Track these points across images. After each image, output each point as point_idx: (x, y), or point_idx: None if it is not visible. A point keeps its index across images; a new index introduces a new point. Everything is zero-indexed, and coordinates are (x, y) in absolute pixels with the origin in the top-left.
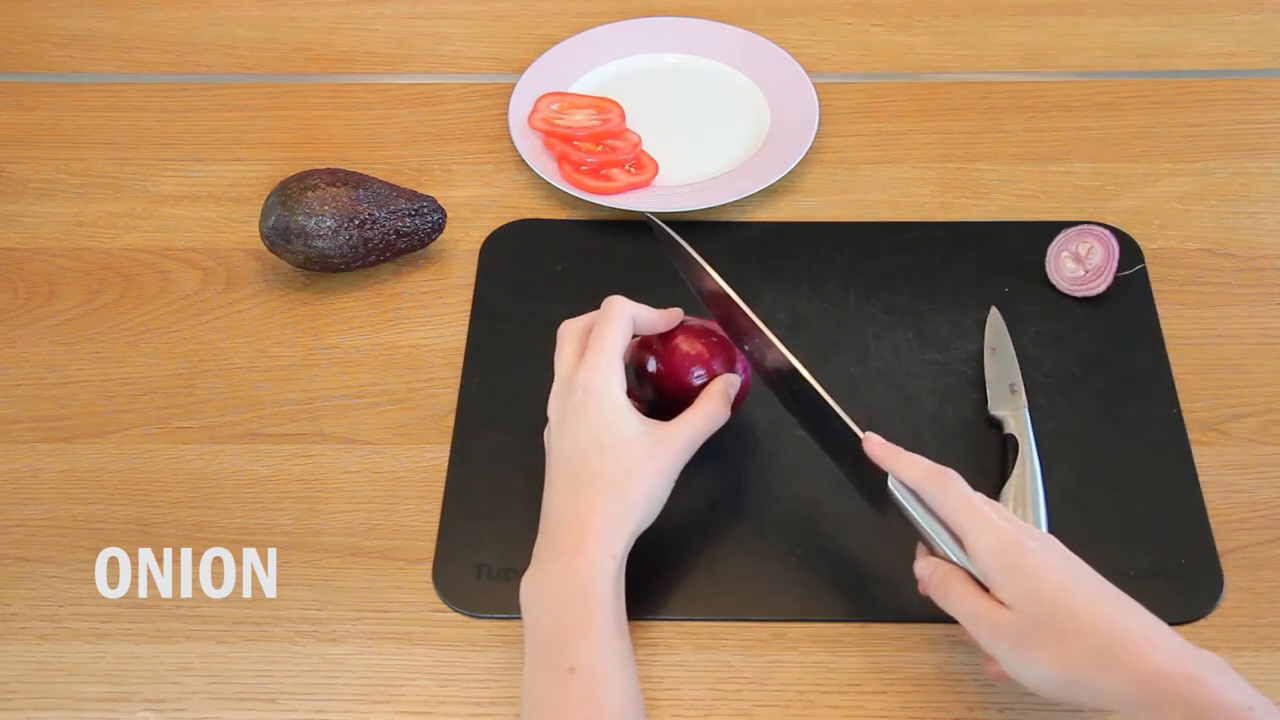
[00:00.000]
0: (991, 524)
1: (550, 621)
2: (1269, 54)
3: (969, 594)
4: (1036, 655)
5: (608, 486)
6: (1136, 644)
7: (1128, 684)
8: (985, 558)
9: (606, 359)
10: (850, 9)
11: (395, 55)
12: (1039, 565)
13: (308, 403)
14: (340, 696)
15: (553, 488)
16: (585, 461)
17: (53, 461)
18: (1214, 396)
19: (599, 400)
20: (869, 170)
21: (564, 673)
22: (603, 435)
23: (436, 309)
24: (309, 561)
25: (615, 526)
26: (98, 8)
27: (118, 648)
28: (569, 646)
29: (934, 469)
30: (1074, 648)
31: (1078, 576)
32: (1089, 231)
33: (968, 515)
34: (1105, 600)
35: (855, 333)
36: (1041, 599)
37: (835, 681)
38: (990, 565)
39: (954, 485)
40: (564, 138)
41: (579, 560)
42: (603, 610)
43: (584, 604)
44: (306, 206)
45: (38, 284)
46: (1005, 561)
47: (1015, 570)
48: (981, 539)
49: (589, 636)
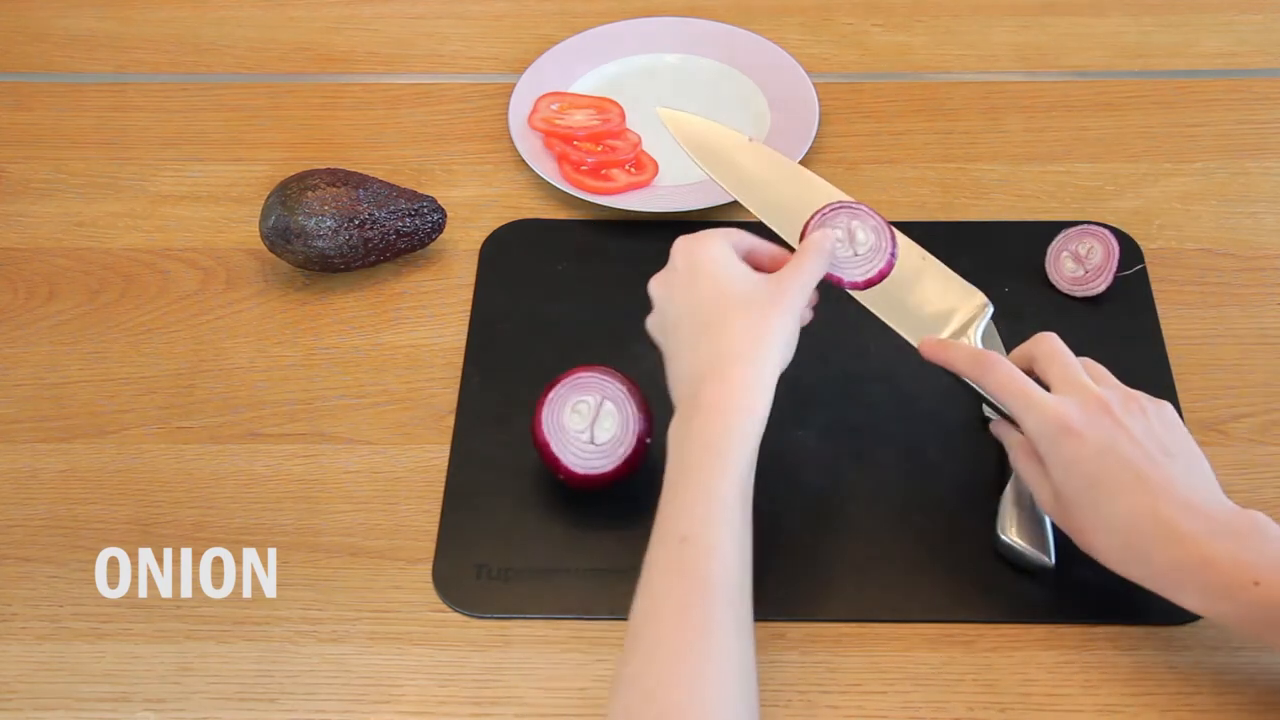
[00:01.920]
0: (1037, 407)
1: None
2: (1270, 54)
3: (1028, 466)
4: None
5: (741, 328)
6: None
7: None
8: (1035, 441)
9: (710, 232)
10: (850, 9)
11: (395, 55)
12: (1074, 452)
13: (308, 403)
14: (340, 696)
15: (678, 350)
16: (707, 311)
17: (53, 461)
18: (1214, 396)
19: (706, 255)
20: (869, 170)
21: (677, 541)
22: (720, 283)
23: (436, 309)
24: (309, 561)
25: (755, 373)
26: (98, 8)
27: (118, 648)
28: (687, 515)
29: (974, 356)
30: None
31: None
32: (1089, 231)
33: (1014, 400)
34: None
35: (855, 332)
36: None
37: (835, 681)
38: (1039, 448)
39: (997, 370)
40: (564, 138)
41: (715, 420)
42: (729, 479)
43: (710, 471)
44: (306, 206)
45: (38, 284)
46: (1049, 446)
47: (1054, 456)
48: (1027, 423)
49: (707, 504)
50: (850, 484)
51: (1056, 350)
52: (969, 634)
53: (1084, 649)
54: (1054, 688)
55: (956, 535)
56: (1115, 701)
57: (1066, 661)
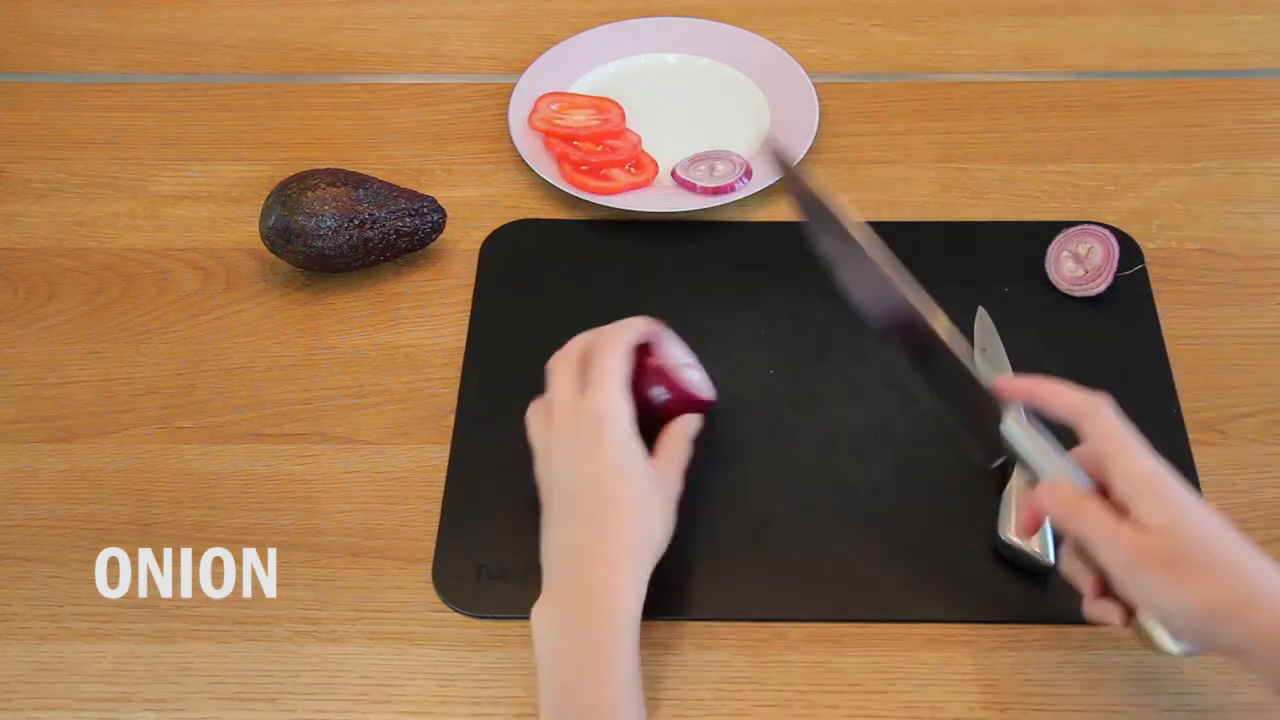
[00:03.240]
0: (1142, 452)
1: (570, 666)
2: (1269, 54)
3: (1106, 515)
4: (1183, 583)
5: (631, 517)
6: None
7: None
8: (1134, 482)
9: (616, 387)
10: (850, 9)
11: (395, 55)
12: (1183, 499)
13: (308, 403)
14: (340, 696)
15: (561, 519)
16: (602, 489)
17: (53, 461)
18: (1214, 396)
19: (613, 426)
20: (869, 170)
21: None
22: (621, 461)
23: (436, 309)
24: (309, 561)
25: (640, 563)
26: (98, 8)
27: (118, 648)
28: (591, 694)
29: (1087, 396)
30: (1220, 583)
31: (1218, 521)
32: (1089, 231)
33: (1119, 442)
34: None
35: (855, 333)
36: (1185, 528)
37: (835, 681)
38: (1137, 489)
39: (1107, 411)
40: (564, 138)
41: (602, 603)
42: (626, 658)
43: (608, 650)
44: (306, 206)
45: (38, 284)
46: (1154, 487)
47: (1163, 496)
48: (1132, 464)
49: (612, 686)
50: (850, 484)
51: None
52: (969, 634)
53: (1084, 649)
54: (1054, 688)
55: (956, 535)
56: (1115, 701)
57: (1066, 661)
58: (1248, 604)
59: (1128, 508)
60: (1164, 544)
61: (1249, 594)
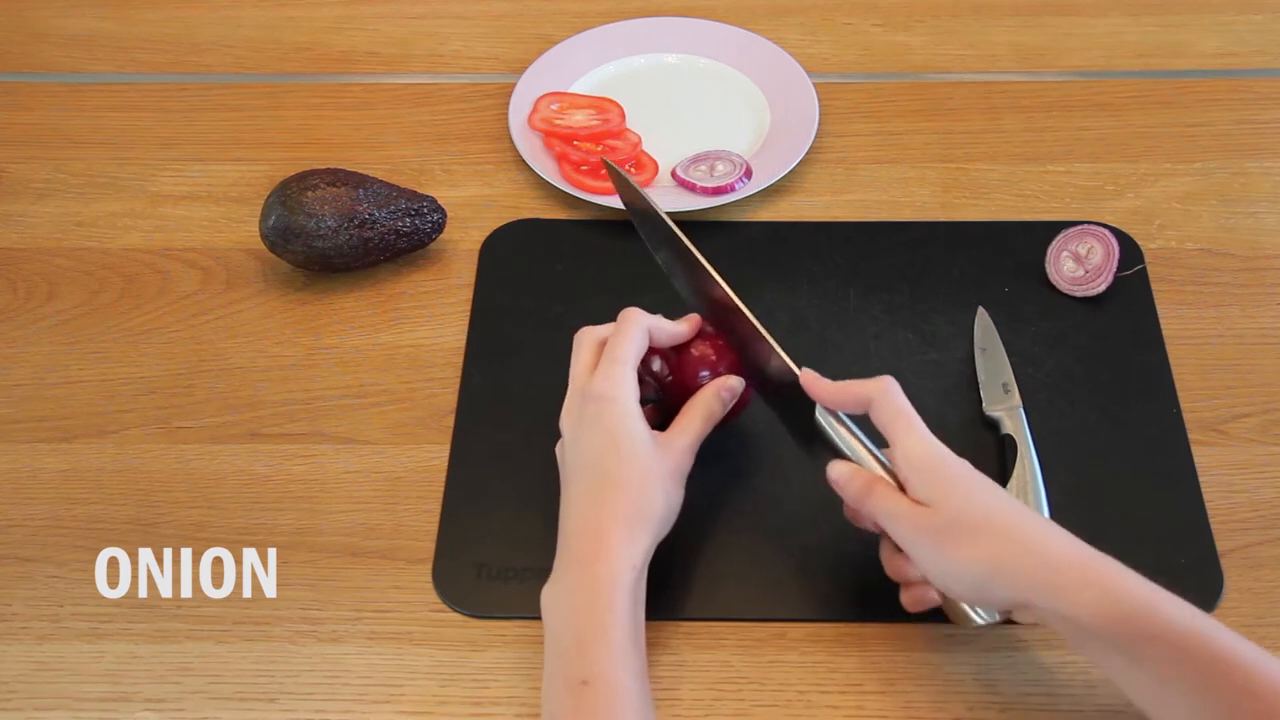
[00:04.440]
0: (919, 434)
1: (568, 632)
2: (1269, 54)
3: (891, 495)
4: (954, 551)
5: (625, 492)
6: (1044, 539)
7: (1040, 570)
8: (910, 461)
9: (620, 370)
10: (850, 9)
11: (395, 55)
12: (956, 473)
13: (308, 403)
14: (340, 696)
15: (569, 498)
16: (602, 468)
17: (53, 461)
18: (1214, 396)
19: (612, 407)
20: (869, 170)
21: (578, 685)
22: (618, 441)
23: (436, 309)
24: (309, 561)
25: (633, 534)
26: (98, 8)
27: (118, 648)
28: (584, 659)
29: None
30: (990, 541)
31: (992, 489)
32: (1089, 231)
33: (897, 424)
34: (1016, 508)
35: (855, 333)
36: (956, 498)
37: (835, 681)
38: (913, 468)
39: (893, 392)
40: (564, 138)
41: (597, 570)
42: (619, 622)
43: (601, 615)
44: (306, 206)
45: (37, 284)
46: (927, 465)
47: (935, 473)
48: (909, 444)
49: (605, 649)
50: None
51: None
52: (969, 634)
53: None
54: (1054, 688)
55: None
56: (1114, 702)
57: (1066, 661)
58: (1018, 556)
59: (906, 486)
60: (938, 517)
61: (1019, 548)
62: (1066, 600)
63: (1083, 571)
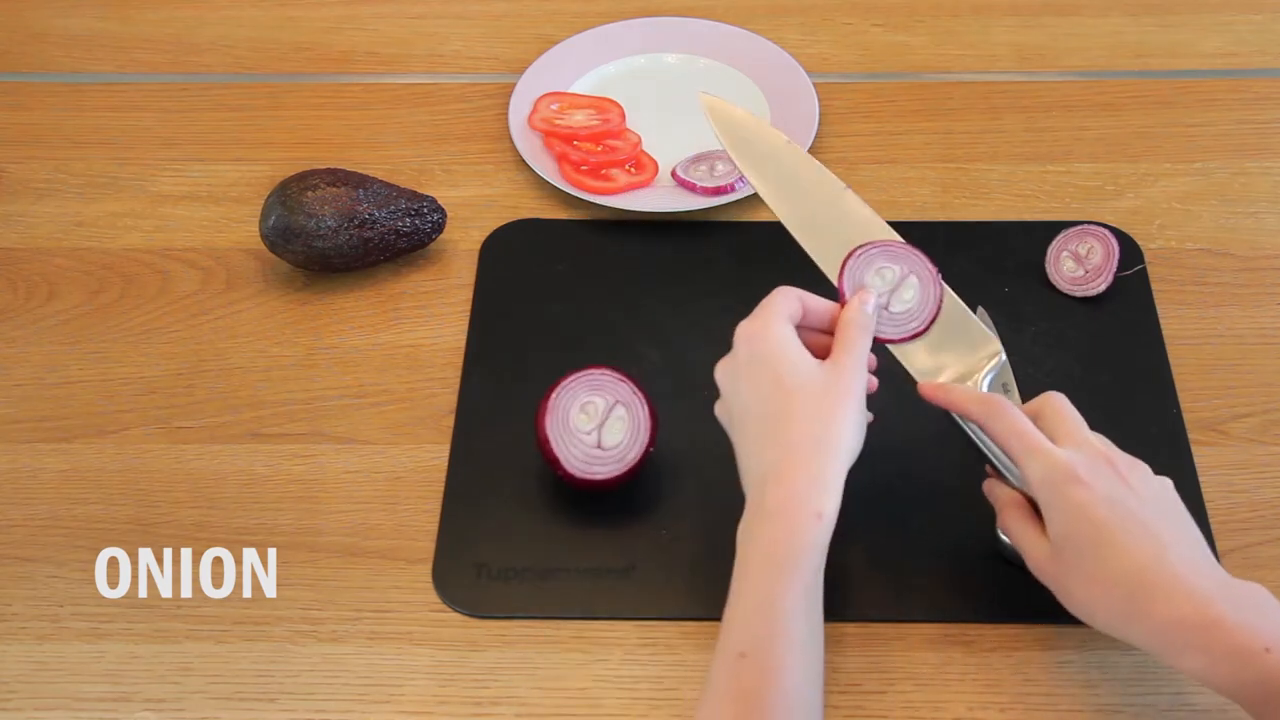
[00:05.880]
0: (1042, 453)
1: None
2: (1269, 54)
3: (1018, 524)
4: (1073, 595)
5: (802, 429)
6: (1163, 590)
7: (1150, 633)
8: (1036, 489)
9: (768, 312)
10: (850, 9)
11: (395, 55)
12: (1082, 499)
13: (308, 403)
14: (340, 696)
15: (743, 446)
16: (771, 406)
17: (53, 461)
18: (1214, 396)
19: (766, 346)
20: (869, 170)
21: (735, 657)
22: (782, 377)
23: (436, 309)
24: (309, 561)
25: (818, 473)
26: (98, 8)
27: (118, 648)
28: (744, 627)
29: (981, 400)
30: (1104, 593)
31: (1121, 514)
32: (1089, 231)
33: (1019, 443)
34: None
35: None
36: (1078, 537)
37: (835, 681)
38: (1040, 496)
39: (1004, 415)
40: (564, 138)
41: (778, 526)
42: (790, 591)
43: (770, 580)
44: (306, 206)
45: (37, 284)
46: (1052, 494)
47: (1059, 504)
48: (1031, 469)
49: (767, 618)
50: (849, 483)
51: (1063, 407)
52: (969, 634)
53: (1084, 649)
54: (1054, 688)
55: (956, 535)
56: (1115, 701)
57: (1066, 661)
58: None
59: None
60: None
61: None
62: (1178, 665)
63: (1189, 635)
